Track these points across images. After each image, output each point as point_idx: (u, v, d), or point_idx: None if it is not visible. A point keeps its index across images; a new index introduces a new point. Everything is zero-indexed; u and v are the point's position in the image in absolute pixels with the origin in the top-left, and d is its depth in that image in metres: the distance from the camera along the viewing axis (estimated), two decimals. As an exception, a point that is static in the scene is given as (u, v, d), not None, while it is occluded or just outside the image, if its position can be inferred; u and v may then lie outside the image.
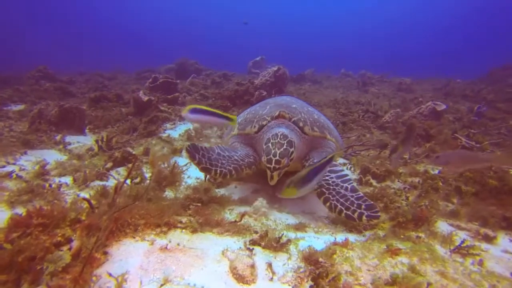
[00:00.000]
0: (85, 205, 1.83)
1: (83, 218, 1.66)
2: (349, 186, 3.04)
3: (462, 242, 2.33)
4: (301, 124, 3.64)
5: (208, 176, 3.79)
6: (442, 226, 3.02)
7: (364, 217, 2.71)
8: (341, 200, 2.90)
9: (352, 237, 2.67)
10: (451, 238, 2.46)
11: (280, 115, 3.66)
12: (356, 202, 2.84)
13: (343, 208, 2.83)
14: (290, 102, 4.17)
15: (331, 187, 3.03)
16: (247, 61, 17.92)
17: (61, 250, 1.44)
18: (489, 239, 2.72)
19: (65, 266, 1.31)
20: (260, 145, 3.58)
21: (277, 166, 3.08)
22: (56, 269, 1.28)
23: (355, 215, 2.75)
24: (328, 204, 2.93)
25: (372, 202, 2.86)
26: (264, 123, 3.65)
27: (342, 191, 2.98)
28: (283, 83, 10.58)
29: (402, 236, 2.58)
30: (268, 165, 3.11)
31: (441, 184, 4.19)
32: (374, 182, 4.50)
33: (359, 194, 2.94)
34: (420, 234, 2.67)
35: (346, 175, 3.22)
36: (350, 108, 9.63)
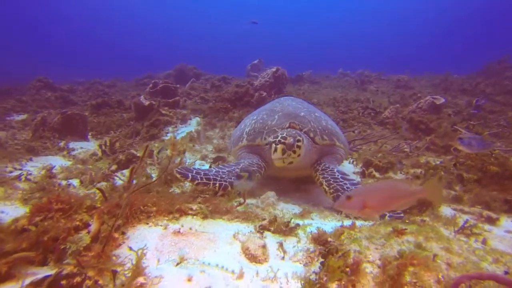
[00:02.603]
0: (99, 194, 1.89)
1: (98, 205, 1.72)
2: None
3: (465, 222, 2.38)
4: (311, 135, 3.72)
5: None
6: (446, 210, 3.07)
7: (386, 218, 2.71)
8: None
9: (358, 222, 2.72)
10: (454, 221, 2.52)
11: (290, 127, 3.73)
12: None
13: None
14: (297, 108, 4.21)
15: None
16: (244, 65, 18.06)
17: (80, 233, 1.50)
18: (492, 221, 2.78)
19: (86, 246, 1.37)
20: (269, 155, 3.66)
21: (282, 140, 3.17)
22: (78, 248, 1.34)
23: (377, 216, 2.77)
24: None
25: None
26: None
27: None
28: (282, 83, 10.67)
29: (407, 221, 2.63)
30: (274, 139, 3.22)
31: (443, 173, 4.25)
32: (377, 174, 4.56)
33: None
34: (424, 218, 2.72)
35: (360, 183, 3.29)
36: (349, 106, 9.70)
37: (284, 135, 3.25)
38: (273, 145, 3.20)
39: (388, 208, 1.95)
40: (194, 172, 3.02)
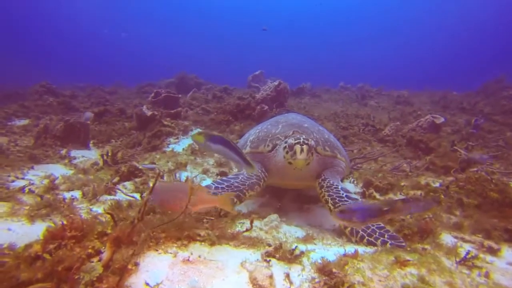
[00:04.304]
0: (108, 217, 1.92)
1: (109, 231, 1.74)
2: None
3: (467, 253, 2.42)
4: (314, 145, 3.76)
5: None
6: (447, 238, 3.10)
7: (388, 245, 2.74)
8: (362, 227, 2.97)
9: (360, 249, 2.74)
10: (456, 250, 2.55)
11: (294, 134, 3.78)
12: (378, 231, 2.89)
13: (365, 235, 2.89)
14: (301, 121, 4.29)
15: None
16: (245, 74, 18.22)
17: (92, 262, 1.52)
18: (493, 252, 2.81)
19: (99, 277, 1.39)
20: (272, 162, 3.71)
21: (306, 141, 3.26)
22: (91, 278, 1.36)
23: (378, 242, 2.79)
24: (349, 229, 2.99)
25: (394, 234, 2.89)
26: (277, 142, 3.77)
27: None
28: (284, 97, 10.78)
29: (408, 248, 2.66)
30: (296, 141, 3.29)
31: (443, 196, 4.30)
32: (377, 195, 4.60)
33: (380, 224, 3.00)
34: (426, 246, 2.75)
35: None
36: (350, 121, 9.80)
37: (304, 136, 3.36)
38: (299, 146, 3.25)
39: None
40: None
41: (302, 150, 3.23)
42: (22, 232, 2.38)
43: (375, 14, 65.99)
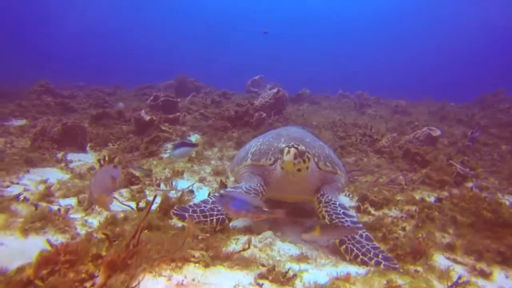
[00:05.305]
0: (103, 237, 1.92)
1: (104, 253, 1.75)
2: (364, 234, 3.12)
3: (459, 278, 2.44)
4: (316, 160, 3.80)
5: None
6: (439, 259, 3.13)
7: (382, 266, 2.75)
8: (357, 245, 2.98)
9: (352, 269, 2.76)
10: (448, 274, 2.57)
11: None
12: (372, 251, 2.91)
13: (359, 254, 2.90)
14: (303, 135, 4.32)
15: None
16: (244, 76, 18.33)
17: (85, 287, 1.53)
18: (485, 275, 2.83)
19: (92, 304, 1.39)
20: (273, 175, 3.73)
21: (295, 145, 3.31)
22: (84, 307, 1.36)
23: (372, 262, 2.80)
24: (344, 247, 3.01)
25: (389, 255, 2.91)
26: (279, 156, 3.79)
27: (357, 237, 3.06)
28: (282, 104, 10.82)
29: (401, 270, 2.68)
30: (286, 144, 3.37)
31: (437, 213, 4.33)
32: (372, 210, 4.61)
33: (374, 244, 3.02)
34: (418, 268, 2.77)
35: (359, 222, 3.35)
36: (347, 131, 9.82)
37: (297, 143, 3.43)
38: (286, 148, 3.31)
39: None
40: (191, 211, 3.07)
41: (288, 152, 3.27)
42: (15, 246, 2.37)
43: (377, 23, 66.50)
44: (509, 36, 50.23)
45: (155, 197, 1.90)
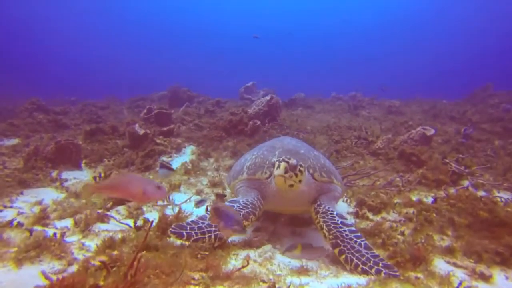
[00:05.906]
0: (100, 266, 1.90)
1: (101, 283, 1.72)
2: (362, 243, 3.11)
3: (460, 283, 2.44)
4: (311, 171, 3.79)
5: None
6: (439, 264, 3.13)
7: (382, 274, 2.74)
8: (356, 254, 2.97)
9: (353, 279, 2.75)
10: (449, 279, 2.57)
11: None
12: (372, 259, 2.90)
13: (359, 263, 2.89)
14: (297, 146, 4.32)
15: (346, 240, 3.11)
16: (237, 83, 18.36)
17: (83, 321, 1.50)
18: (485, 278, 2.84)
19: None
20: (269, 189, 3.73)
21: (286, 159, 3.29)
22: None
23: (373, 271, 2.79)
24: (343, 256, 3.00)
25: (389, 263, 2.91)
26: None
27: (356, 246, 3.06)
28: (276, 111, 10.84)
29: (402, 278, 2.67)
30: (278, 159, 3.38)
31: (435, 215, 4.34)
32: (370, 215, 4.62)
33: (374, 252, 3.01)
34: (418, 275, 2.77)
35: (358, 231, 3.33)
36: (342, 134, 9.86)
37: (288, 156, 3.43)
38: (277, 162, 3.31)
39: None
40: (188, 228, 3.05)
41: (278, 166, 3.26)
42: (8, 280, 2.31)
43: (372, 25, 67.11)
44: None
45: (151, 222, 1.88)
